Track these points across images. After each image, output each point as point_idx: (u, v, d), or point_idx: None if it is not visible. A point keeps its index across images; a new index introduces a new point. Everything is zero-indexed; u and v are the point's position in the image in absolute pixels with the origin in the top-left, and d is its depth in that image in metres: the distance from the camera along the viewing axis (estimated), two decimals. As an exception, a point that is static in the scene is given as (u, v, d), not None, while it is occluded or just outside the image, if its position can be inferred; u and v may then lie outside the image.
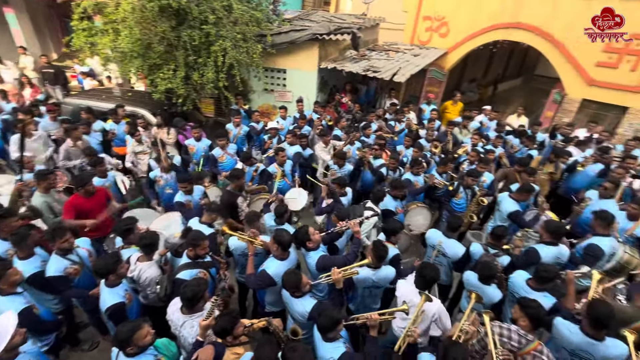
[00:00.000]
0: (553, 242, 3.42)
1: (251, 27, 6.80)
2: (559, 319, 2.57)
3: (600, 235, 3.63)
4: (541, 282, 2.89)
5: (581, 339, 2.46)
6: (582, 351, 2.48)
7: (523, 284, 2.99)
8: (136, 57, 6.34)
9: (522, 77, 16.92)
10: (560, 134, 6.60)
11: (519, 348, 2.39)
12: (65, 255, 3.07)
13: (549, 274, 2.85)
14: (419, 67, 8.00)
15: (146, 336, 2.21)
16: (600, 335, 2.41)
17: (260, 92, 8.33)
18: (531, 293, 2.90)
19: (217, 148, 5.42)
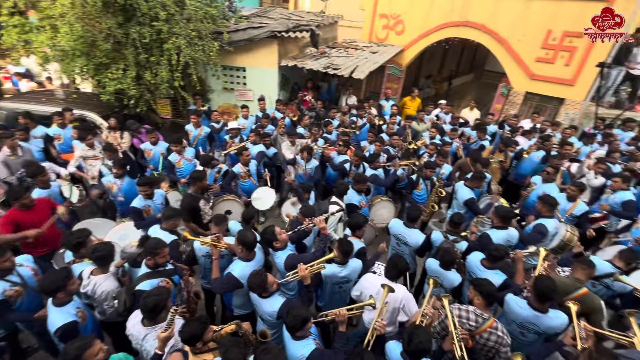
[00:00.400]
0: (503, 226, 3.70)
1: (206, 24, 6.56)
2: (509, 295, 2.78)
3: (545, 217, 3.98)
4: (493, 261, 3.12)
5: (528, 312, 2.69)
6: (529, 323, 2.71)
7: (478, 264, 3.22)
8: (79, 56, 5.88)
9: (473, 73, 17.96)
10: (508, 124, 7.10)
11: (476, 327, 2.55)
12: (4, 276, 2.78)
13: (498, 253, 3.07)
14: (378, 64, 8.20)
15: (97, 354, 2.06)
16: (544, 308, 2.65)
17: (220, 91, 8.09)
18: (485, 272, 3.13)
19: (173, 154, 5.17)
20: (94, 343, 2.07)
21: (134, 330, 2.46)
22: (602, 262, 3.34)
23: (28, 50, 6.36)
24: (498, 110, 9.13)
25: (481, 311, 2.59)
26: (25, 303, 2.87)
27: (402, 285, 3.00)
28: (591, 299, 2.95)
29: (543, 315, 2.65)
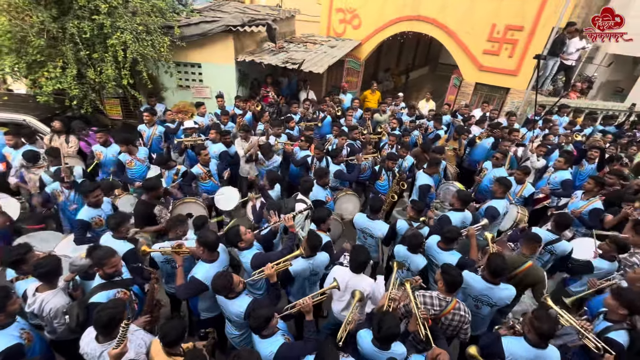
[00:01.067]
0: (461, 208, 3.95)
1: (154, 17, 6.19)
2: (465, 272, 2.97)
3: (498, 198, 4.27)
4: (447, 243, 3.32)
5: (482, 285, 2.93)
6: (484, 295, 2.96)
7: (435, 246, 3.40)
8: (7, 53, 5.29)
9: (429, 66, 18.71)
10: (460, 114, 7.50)
11: (440, 310, 2.70)
12: None
13: (452, 234, 3.28)
14: (336, 58, 8.26)
15: None
16: (496, 281, 2.90)
17: (175, 89, 7.71)
18: (441, 253, 3.33)
19: (123, 154, 4.85)
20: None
21: (88, 349, 2.30)
22: (543, 231, 3.71)
23: (-56, 47, 5.62)
24: (451, 101, 9.60)
25: (444, 295, 2.73)
26: None
27: (368, 277, 3.06)
28: (535, 271, 3.24)
29: (495, 287, 2.90)
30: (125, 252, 3.11)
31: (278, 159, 5.40)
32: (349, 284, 2.96)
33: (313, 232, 3.19)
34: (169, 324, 2.35)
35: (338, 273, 3.03)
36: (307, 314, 2.62)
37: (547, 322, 2.31)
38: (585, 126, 7.26)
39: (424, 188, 4.65)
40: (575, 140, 6.42)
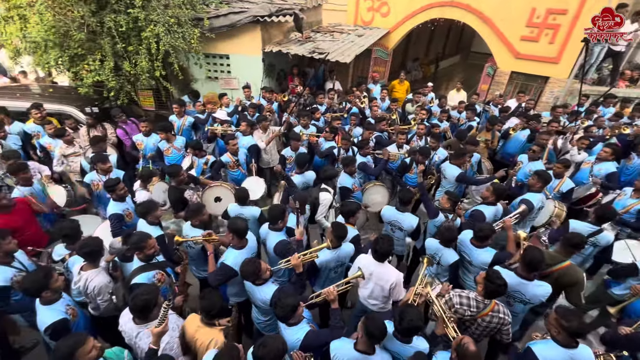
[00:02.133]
0: (494, 202, 3.79)
1: (185, 10, 6.32)
2: (498, 267, 2.83)
3: (534, 192, 4.06)
4: (481, 240, 3.19)
5: (515, 280, 2.80)
6: (515, 292, 2.83)
7: (467, 242, 3.28)
8: (52, 47, 5.60)
9: (460, 55, 17.94)
10: (494, 105, 7.14)
11: (477, 312, 2.61)
12: (9, 263, 2.73)
13: (485, 232, 3.14)
14: (364, 47, 8.08)
15: (90, 351, 2.01)
16: (530, 276, 2.76)
17: (204, 80, 7.88)
18: (474, 250, 3.20)
19: (162, 141, 5.06)
20: (87, 340, 2.01)
21: (126, 327, 2.44)
22: (583, 224, 3.54)
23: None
24: (484, 90, 9.17)
25: (482, 297, 2.62)
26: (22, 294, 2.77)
27: (393, 267, 3.02)
28: (573, 271, 3.05)
29: (529, 283, 2.76)
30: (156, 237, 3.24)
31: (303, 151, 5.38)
32: (373, 272, 2.93)
33: (338, 222, 3.18)
34: (209, 296, 2.44)
35: (362, 262, 3.01)
36: (333, 302, 2.63)
37: (576, 319, 2.19)
38: (634, 117, 6.69)
39: (461, 177, 4.51)
40: (621, 133, 5.94)
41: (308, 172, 4.62)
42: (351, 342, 2.33)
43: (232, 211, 3.78)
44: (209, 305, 2.41)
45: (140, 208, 3.38)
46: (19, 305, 2.78)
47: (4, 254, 2.69)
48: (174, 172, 4.06)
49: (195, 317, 2.53)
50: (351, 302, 4.28)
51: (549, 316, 2.38)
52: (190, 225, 3.36)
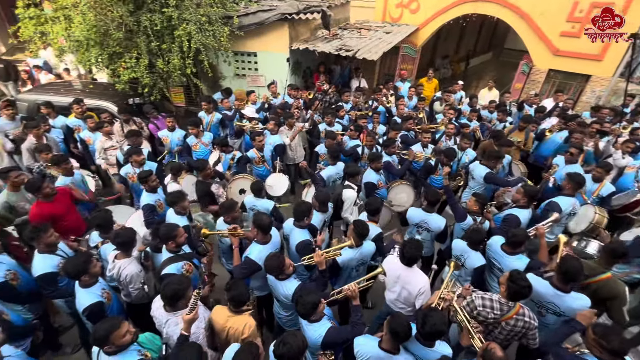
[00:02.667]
0: (527, 205, 3.60)
1: (216, 8, 6.48)
2: (531, 275, 2.70)
3: (566, 195, 3.84)
4: (514, 247, 3.02)
5: (550, 291, 2.64)
6: (549, 303, 2.67)
7: (499, 250, 3.13)
8: (93, 46, 5.92)
9: (492, 52, 17.23)
10: (529, 105, 6.80)
11: (501, 315, 2.50)
12: (54, 251, 2.94)
13: (518, 238, 2.97)
14: (391, 45, 7.95)
15: (124, 335, 2.13)
16: (567, 288, 2.59)
17: (232, 77, 8.06)
18: (506, 257, 3.04)
19: (190, 136, 5.23)
20: (122, 324, 2.14)
21: (157, 314, 2.55)
22: None
23: (45, 42, 6.46)
24: (518, 89, 8.77)
25: (506, 299, 2.51)
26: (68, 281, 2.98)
27: (421, 272, 2.94)
28: (614, 284, 2.85)
29: (565, 295, 2.59)
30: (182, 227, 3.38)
31: None
32: (400, 277, 2.89)
33: (360, 220, 3.16)
34: (235, 286, 2.52)
35: (389, 264, 2.97)
36: (354, 299, 2.62)
37: (616, 338, 2.05)
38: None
39: (489, 177, 4.32)
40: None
41: (339, 163, 4.64)
42: (376, 339, 2.32)
43: (247, 202, 3.90)
44: (237, 295, 2.49)
45: (169, 198, 3.54)
46: (64, 290, 2.97)
47: (45, 245, 2.88)
48: (201, 166, 4.19)
49: (222, 308, 2.60)
50: (372, 302, 4.25)
51: (587, 334, 2.24)
52: (223, 221, 3.46)
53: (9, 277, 2.85)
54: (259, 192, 3.87)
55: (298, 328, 2.72)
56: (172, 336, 2.44)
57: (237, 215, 3.43)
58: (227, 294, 2.52)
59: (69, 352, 3.60)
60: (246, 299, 2.53)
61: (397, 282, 2.93)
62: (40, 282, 2.85)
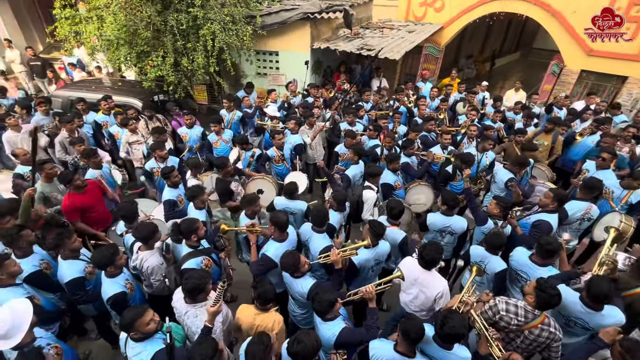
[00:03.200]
0: (555, 210, 3.44)
1: (240, 8, 6.58)
2: (561, 285, 2.56)
3: (579, 199, 3.71)
4: (545, 257, 2.84)
5: (579, 308, 2.49)
6: (578, 319, 2.52)
7: (527, 261, 2.94)
8: (123, 45, 6.16)
9: (520, 51, 16.63)
10: (558, 107, 6.51)
11: (525, 322, 2.41)
12: (77, 257, 3.01)
13: (554, 247, 2.78)
14: (414, 44, 7.81)
15: (149, 323, 2.22)
16: (598, 306, 2.44)
17: (254, 76, 8.17)
18: (536, 269, 2.87)
19: (212, 134, 5.35)
20: (146, 312, 2.24)
21: (177, 305, 2.63)
22: None
23: (78, 41, 6.78)
24: (547, 91, 8.42)
25: (532, 307, 2.41)
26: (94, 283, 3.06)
27: (440, 276, 2.87)
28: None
29: (596, 313, 2.44)
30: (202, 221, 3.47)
31: None
32: (418, 279, 2.84)
33: (375, 220, 3.13)
34: (262, 284, 2.56)
35: (407, 265, 2.92)
36: (370, 302, 2.59)
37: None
38: None
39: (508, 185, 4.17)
40: None
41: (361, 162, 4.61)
42: (391, 343, 2.29)
43: (278, 204, 3.84)
44: (264, 292, 2.52)
45: (189, 192, 3.64)
46: (92, 294, 3.06)
47: (70, 251, 2.96)
48: (222, 163, 4.27)
49: (247, 307, 2.66)
50: (387, 304, 4.20)
51: (613, 348, 2.13)
52: (244, 214, 3.53)
53: (43, 266, 3.00)
54: (292, 194, 3.79)
55: (312, 327, 2.73)
56: (191, 327, 2.52)
57: (257, 209, 3.48)
58: (254, 291, 2.56)
59: (93, 337, 3.77)
60: (272, 295, 2.55)
61: (415, 285, 2.88)
62: (69, 287, 2.90)
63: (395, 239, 3.34)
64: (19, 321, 2.10)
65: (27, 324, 2.12)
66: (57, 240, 2.89)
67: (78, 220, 3.77)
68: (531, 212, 3.68)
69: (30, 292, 2.78)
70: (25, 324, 2.12)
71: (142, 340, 2.24)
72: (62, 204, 3.77)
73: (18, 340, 2.09)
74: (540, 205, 3.60)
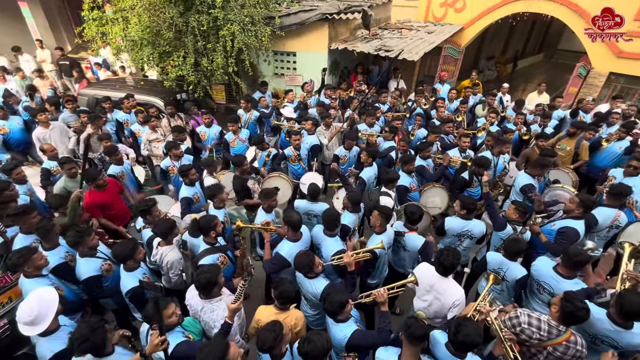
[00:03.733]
0: (581, 216, 3.29)
1: (259, 9, 6.67)
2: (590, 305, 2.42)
3: (606, 206, 3.56)
4: (574, 268, 2.68)
5: (607, 326, 2.35)
6: (606, 337, 2.38)
7: (551, 272, 2.79)
8: (146, 45, 6.35)
9: (543, 53, 16.12)
10: (584, 111, 6.27)
11: (548, 338, 2.29)
12: (95, 254, 3.09)
13: (583, 257, 2.63)
14: (433, 45, 7.69)
15: (171, 316, 2.27)
16: (627, 324, 2.31)
17: (271, 76, 8.25)
18: (562, 281, 2.72)
19: (229, 133, 5.43)
20: (169, 305, 2.29)
21: (192, 302, 2.67)
22: None
23: (104, 41, 7.03)
24: (573, 94, 8.11)
25: (557, 322, 2.30)
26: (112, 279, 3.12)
27: (457, 284, 2.79)
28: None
29: (626, 331, 2.30)
30: None
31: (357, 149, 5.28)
32: (434, 286, 2.78)
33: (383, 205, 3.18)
34: (282, 283, 2.58)
35: (422, 271, 2.86)
36: (383, 305, 2.57)
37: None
38: None
39: (527, 188, 4.05)
40: None
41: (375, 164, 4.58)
42: (396, 351, 2.25)
43: (301, 207, 3.80)
44: (284, 292, 2.54)
45: (208, 191, 3.70)
46: (109, 291, 3.14)
47: (89, 249, 3.03)
48: (239, 162, 4.32)
49: (266, 308, 2.69)
50: (400, 308, 4.15)
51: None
52: (262, 208, 3.58)
53: (68, 258, 3.12)
54: (315, 197, 3.74)
55: (324, 328, 2.73)
56: (209, 322, 2.54)
57: (274, 203, 3.52)
58: (274, 291, 2.59)
59: (111, 328, 3.89)
60: (292, 295, 2.57)
61: (430, 292, 2.81)
62: (86, 285, 2.96)
63: (415, 245, 3.27)
64: (45, 309, 2.19)
65: (54, 312, 2.21)
66: (76, 238, 2.92)
67: (101, 216, 3.92)
68: (554, 217, 3.55)
69: (55, 282, 2.89)
70: (52, 312, 2.20)
71: None
72: (84, 200, 3.91)
73: (45, 326, 2.18)
74: (564, 211, 3.46)
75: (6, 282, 3.11)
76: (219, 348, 2.00)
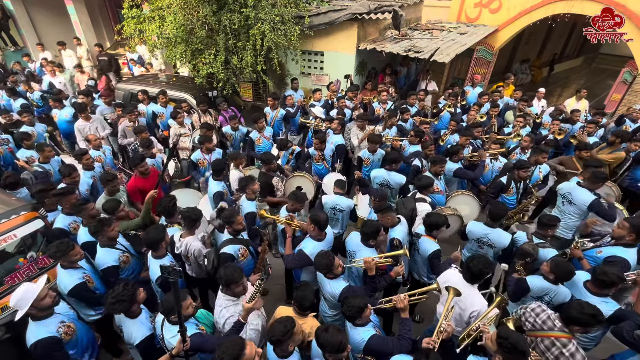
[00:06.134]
0: (633, 243, 2.99)
1: (289, 8, 6.73)
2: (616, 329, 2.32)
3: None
4: (601, 287, 2.59)
5: None
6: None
7: (580, 285, 2.71)
8: (180, 43, 6.57)
9: (583, 56, 15.26)
10: (631, 120, 5.87)
11: (541, 328, 2.28)
12: (114, 245, 3.16)
13: (608, 278, 2.52)
14: (466, 46, 7.46)
15: (188, 307, 2.35)
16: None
17: (298, 75, 8.30)
18: (589, 297, 2.63)
19: (254, 131, 5.52)
20: (187, 298, 2.38)
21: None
22: None
23: (141, 38, 7.33)
24: (616, 101, 7.63)
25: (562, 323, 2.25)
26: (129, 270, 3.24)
27: (482, 297, 2.66)
28: None
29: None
30: (249, 212, 3.64)
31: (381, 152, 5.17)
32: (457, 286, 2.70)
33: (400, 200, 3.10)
34: (304, 289, 2.60)
35: (447, 277, 2.79)
36: (403, 312, 2.52)
37: None
38: None
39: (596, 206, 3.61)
40: None
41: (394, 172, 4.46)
42: None
43: (328, 202, 3.86)
44: (302, 298, 2.56)
45: (241, 183, 3.79)
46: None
47: (108, 239, 3.11)
48: (268, 159, 4.39)
49: (286, 309, 2.71)
50: (420, 316, 4.06)
51: None
52: (285, 207, 3.63)
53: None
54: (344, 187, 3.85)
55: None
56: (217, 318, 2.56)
57: (299, 207, 3.55)
58: (295, 294, 2.63)
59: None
60: (310, 303, 2.57)
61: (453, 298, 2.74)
62: (104, 274, 3.08)
63: (427, 250, 3.19)
64: (24, 301, 2.32)
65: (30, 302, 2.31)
66: (97, 227, 3.01)
67: (140, 201, 4.11)
68: (601, 242, 3.26)
69: (88, 273, 3.00)
70: (29, 302, 2.31)
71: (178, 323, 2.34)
72: (128, 183, 4.21)
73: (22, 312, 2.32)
74: (613, 237, 3.14)
75: (45, 263, 3.32)
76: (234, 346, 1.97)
